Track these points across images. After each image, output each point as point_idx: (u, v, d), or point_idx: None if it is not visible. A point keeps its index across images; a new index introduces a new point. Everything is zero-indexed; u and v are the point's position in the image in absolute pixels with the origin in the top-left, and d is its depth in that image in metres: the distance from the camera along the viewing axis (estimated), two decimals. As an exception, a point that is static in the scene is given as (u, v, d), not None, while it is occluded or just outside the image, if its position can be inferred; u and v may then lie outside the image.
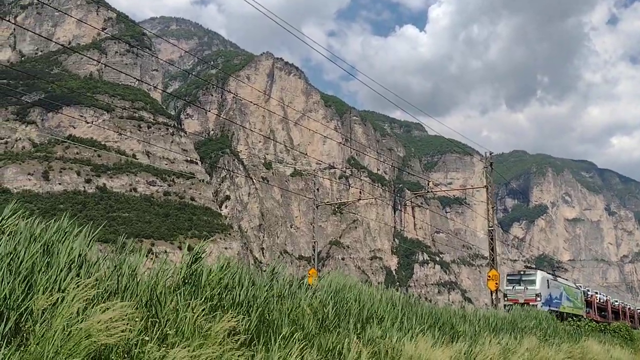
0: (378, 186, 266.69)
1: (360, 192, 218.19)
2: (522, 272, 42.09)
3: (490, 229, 32.26)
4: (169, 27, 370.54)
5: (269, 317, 7.74)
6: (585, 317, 46.46)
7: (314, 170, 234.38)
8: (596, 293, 64.91)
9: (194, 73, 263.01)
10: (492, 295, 30.08)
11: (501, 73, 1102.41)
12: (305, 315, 8.59)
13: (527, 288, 39.20)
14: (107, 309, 5.56)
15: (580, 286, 60.98)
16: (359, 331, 9.22)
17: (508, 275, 43.03)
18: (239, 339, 6.94)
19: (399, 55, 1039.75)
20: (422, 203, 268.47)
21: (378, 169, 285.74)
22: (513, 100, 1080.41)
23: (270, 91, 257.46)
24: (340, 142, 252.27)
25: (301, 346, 7.46)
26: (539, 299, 38.06)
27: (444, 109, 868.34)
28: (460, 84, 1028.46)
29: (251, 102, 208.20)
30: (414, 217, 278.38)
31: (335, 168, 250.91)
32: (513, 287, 39.89)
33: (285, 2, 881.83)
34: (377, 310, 10.63)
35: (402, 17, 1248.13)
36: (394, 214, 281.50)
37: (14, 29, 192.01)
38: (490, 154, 33.90)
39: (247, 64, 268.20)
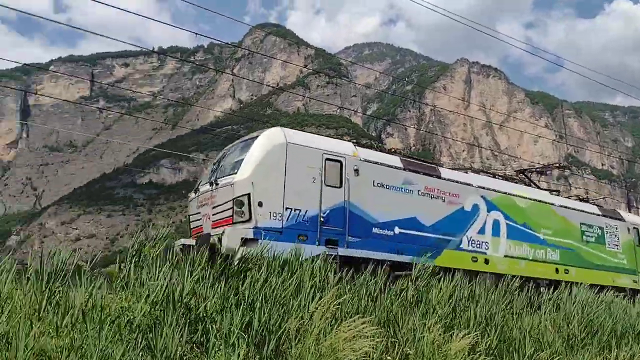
0: (605, 183, 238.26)
1: (586, 193, 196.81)
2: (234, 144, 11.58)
3: None
4: (362, 53, 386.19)
5: (509, 335, 7.33)
6: None
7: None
8: None
9: (390, 92, 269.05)
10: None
11: None
12: (548, 333, 7.97)
13: (216, 183, 10.06)
14: (349, 327, 5.83)
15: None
16: (612, 349, 8.19)
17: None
18: (479, 359, 6.70)
19: (610, 35, 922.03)
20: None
21: (603, 164, 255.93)
22: None
23: (469, 97, 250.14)
24: (554, 140, 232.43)
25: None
26: (242, 217, 9.18)
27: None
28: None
29: (450, 111, 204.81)
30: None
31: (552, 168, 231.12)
32: (197, 193, 11.04)
33: (475, 3, 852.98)
34: (634, 324, 9.32)
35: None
36: (629, 211, 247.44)
37: (232, 80, 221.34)
38: None
39: (441, 74, 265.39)
